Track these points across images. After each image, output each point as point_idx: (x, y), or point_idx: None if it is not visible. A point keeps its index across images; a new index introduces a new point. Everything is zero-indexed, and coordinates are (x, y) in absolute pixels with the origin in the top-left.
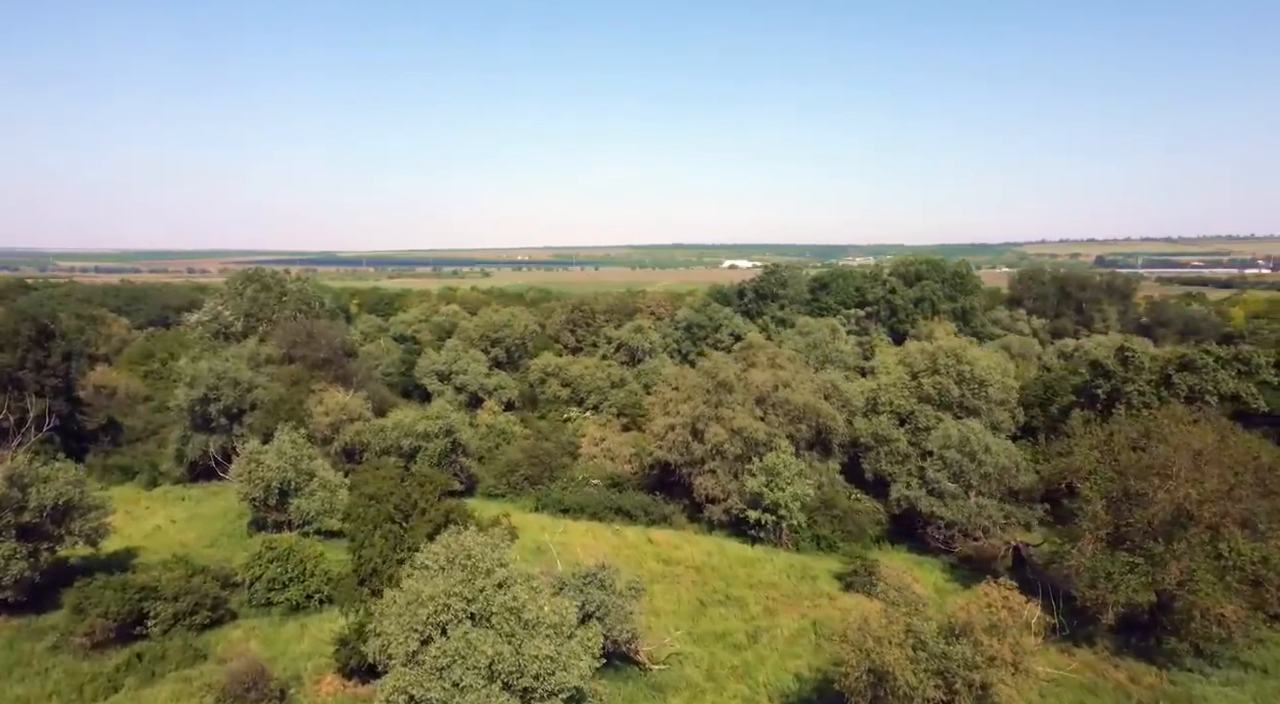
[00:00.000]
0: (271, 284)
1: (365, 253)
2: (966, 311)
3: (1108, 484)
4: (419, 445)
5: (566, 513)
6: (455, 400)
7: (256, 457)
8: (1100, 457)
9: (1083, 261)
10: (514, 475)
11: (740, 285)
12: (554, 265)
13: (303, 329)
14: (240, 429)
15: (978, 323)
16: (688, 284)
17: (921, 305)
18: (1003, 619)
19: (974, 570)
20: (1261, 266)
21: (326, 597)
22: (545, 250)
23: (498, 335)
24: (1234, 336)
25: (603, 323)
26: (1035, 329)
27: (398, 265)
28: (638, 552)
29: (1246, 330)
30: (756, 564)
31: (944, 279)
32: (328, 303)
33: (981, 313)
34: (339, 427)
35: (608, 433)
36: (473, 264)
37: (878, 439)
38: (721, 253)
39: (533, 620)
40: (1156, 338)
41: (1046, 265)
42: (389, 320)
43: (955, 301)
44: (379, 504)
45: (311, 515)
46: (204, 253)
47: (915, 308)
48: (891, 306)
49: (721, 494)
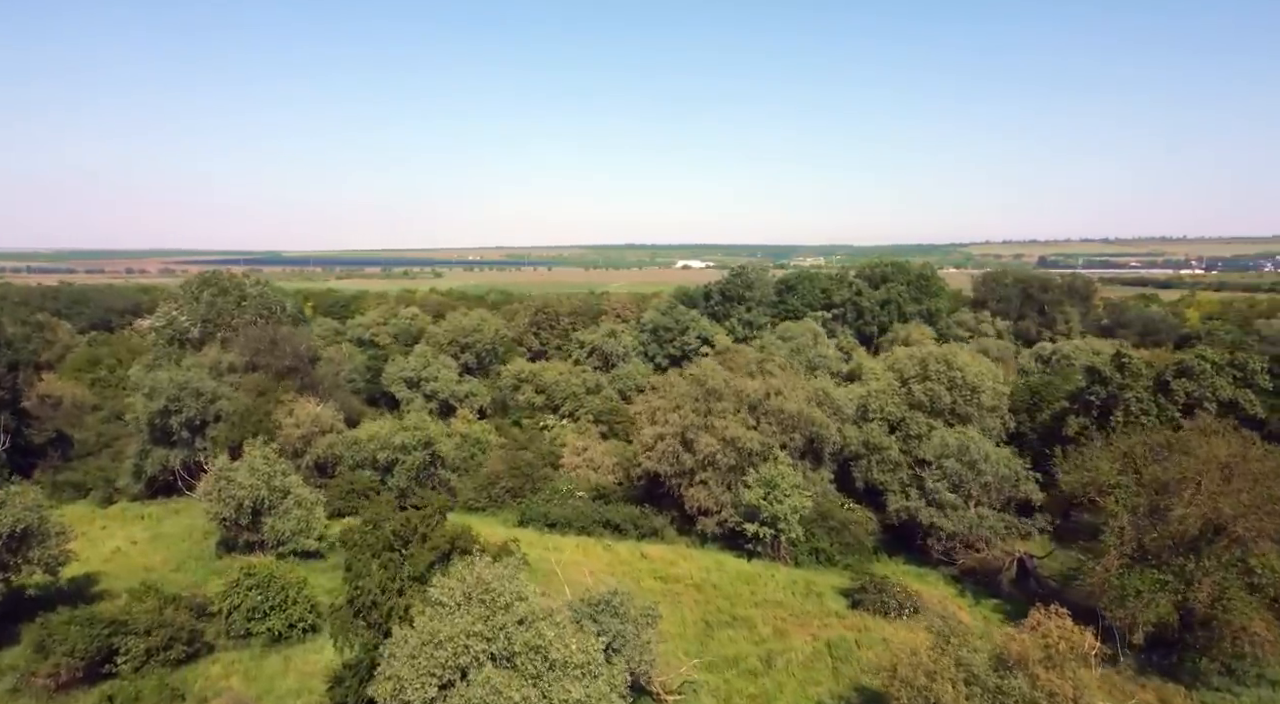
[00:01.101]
0: (230, 288)
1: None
2: (932, 314)
3: (1133, 498)
4: (396, 458)
5: (554, 527)
6: (425, 408)
7: (226, 473)
8: (1122, 469)
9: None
10: (495, 488)
11: (706, 287)
12: (506, 265)
13: (266, 336)
14: (203, 442)
15: (943, 325)
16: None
17: (888, 307)
18: (1059, 651)
19: (978, 583)
20: (1195, 267)
21: (310, 626)
22: (497, 250)
23: (467, 340)
24: (1191, 337)
25: (568, 326)
26: (1000, 331)
27: (346, 265)
28: (632, 569)
29: (1203, 331)
30: (758, 581)
31: (909, 281)
32: (289, 307)
33: (946, 315)
34: (310, 439)
35: (589, 442)
36: (424, 264)
37: (869, 447)
38: (674, 253)
39: (559, 660)
40: (1117, 339)
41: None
42: (346, 323)
43: (920, 303)
44: (376, 530)
45: (286, 535)
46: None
47: (881, 310)
48: (858, 309)
49: (714, 506)
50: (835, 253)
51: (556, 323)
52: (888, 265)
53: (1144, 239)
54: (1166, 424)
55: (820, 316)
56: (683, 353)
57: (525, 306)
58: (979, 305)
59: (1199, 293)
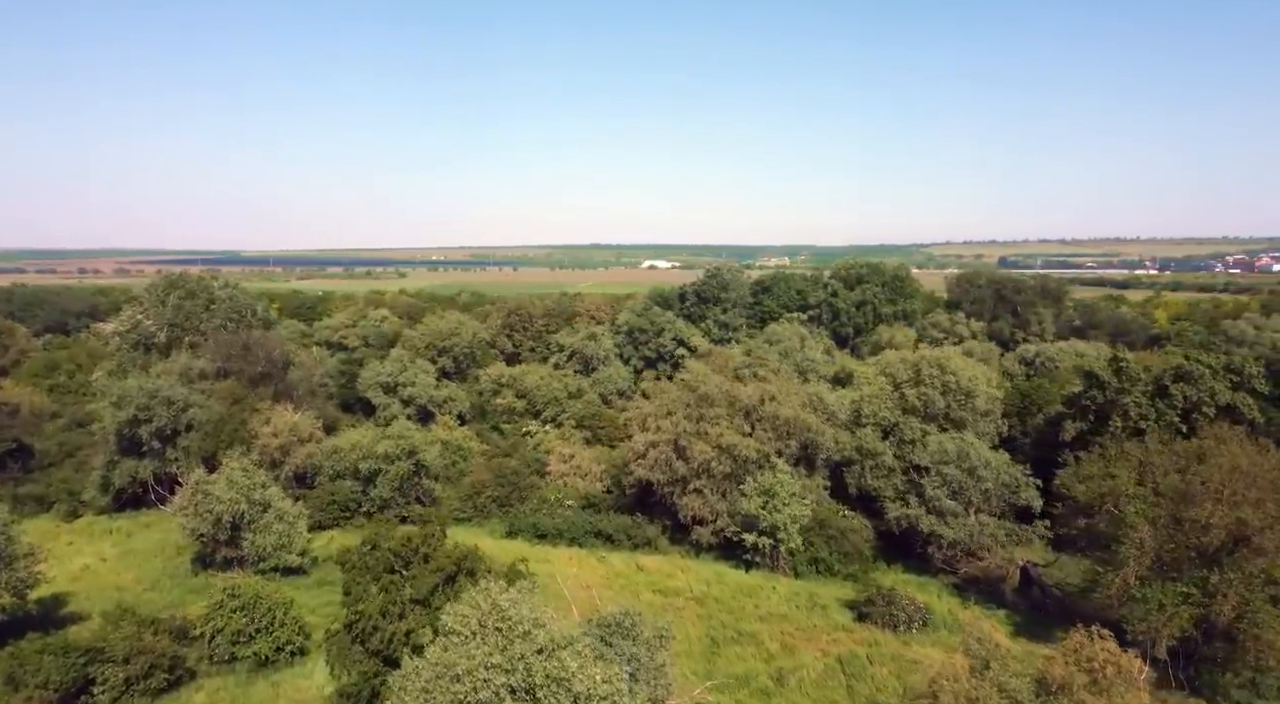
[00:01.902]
0: (198, 291)
1: (271, 252)
2: (907, 315)
3: (1153, 509)
4: (379, 468)
5: (544, 538)
6: (403, 414)
7: (204, 487)
8: (1139, 478)
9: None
10: (480, 497)
11: (681, 289)
12: (471, 265)
13: (238, 341)
14: (175, 452)
15: (918, 326)
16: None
17: (863, 309)
18: (1106, 676)
19: (981, 592)
20: (1149, 267)
21: (299, 648)
22: (461, 250)
23: (445, 344)
24: (1160, 338)
25: (541, 327)
26: (975, 332)
27: (307, 265)
28: (629, 581)
29: (1171, 332)
30: (760, 593)
31: (884, 282)
32: (260, 311)
33: (921, 316)
34: (289, 449)
35: (575, 449)
36: (387, 264)
37: (862, 453)
38: (639, 253)
39: (584, 694)
40: (1089, 339)
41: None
42: (313, 326)
43: (896, 304)
44: (375, 551)
45: (267, 551)
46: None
47: (857, 311)
48: (834, 310)
49: (710, 515)
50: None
51: (530, 324)
52: (863, 266)
53: (1099, 240)
54: (1165, 429)
55: (796, 318)
56: (658, 355)
57: (498, 308)
58: (953, 306)
59: (1164, 294)
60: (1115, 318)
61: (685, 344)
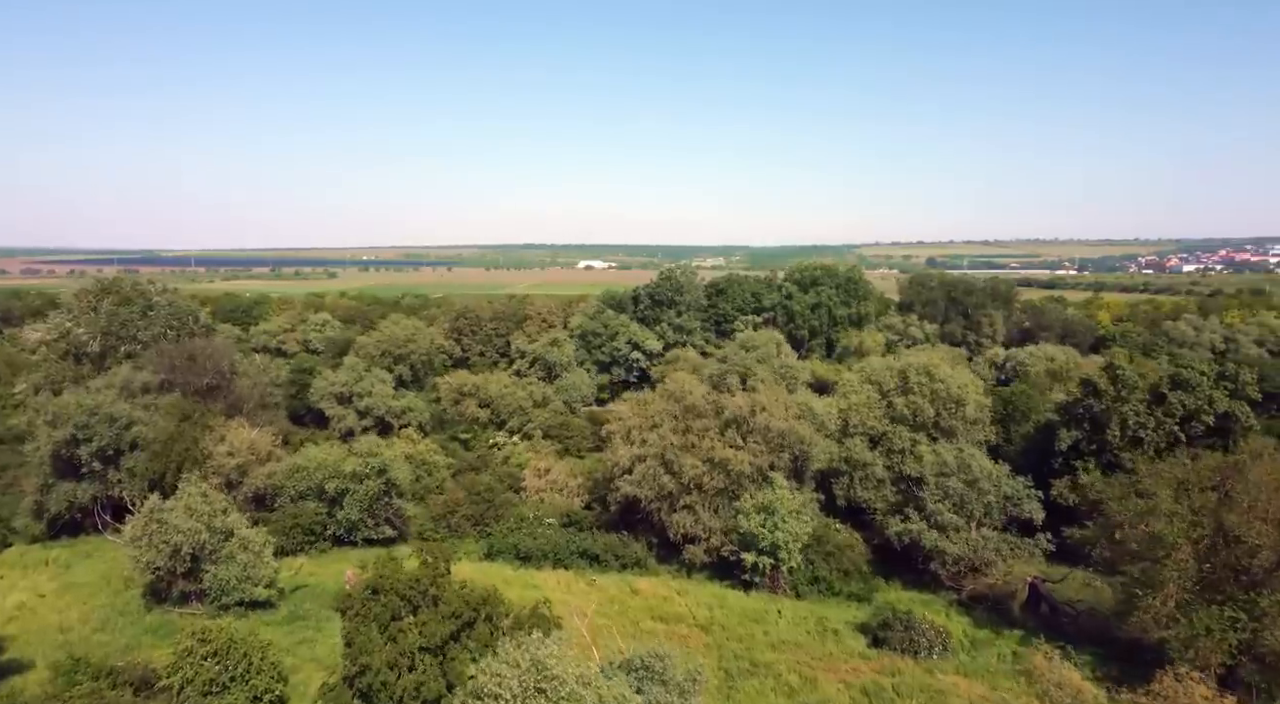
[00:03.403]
0: (134, 296)
1: (192, 251)
2: (861, 317)
3: (1193, 528)
4: (346, 488)
5: (527, 561)
6: (359, 426)
7: (159, 515)
8: (1175, 495)
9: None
10: (454, 516)
11: (635, 291)
12: (404, 266)
13: (183, 351)
14: (118, 474)
15: (873, 327)
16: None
17: (818, 311)
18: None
19: (988, 610)
20: (1069, 268)
21: (279, 697)
22: (392, 250)
23: (401, 351)
24: (1106, 339)
25: (491, 331)
26: (928, 334)
27: (231, 265)
28: (625, 607)
29: (1116, 333)
30: (766, 618)
31: (838, 285)
32: (202, 317)
33: (875, 318)
34: (246, 469)
35: (550, 462)
36: (315, 264)
37: (851, 464)
38: (575, 253)
39: None
40: (1039, 341)
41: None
42: (250, 332)
43: (850, 307)
44: (380, 595)
45: (231, 584)
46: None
47: (812, 313)
48: (789, 313)
49: (702, 533)
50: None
51: (479, 328)
52: (817, 268)
53: (1021, 241)
54: (1164, 438)
55: (751, 321)
56: (613, 359)
57: (445, 311)
58: (906, 308)
59: (1103, 295)
60: (1063, 319)
61: (640, 348)
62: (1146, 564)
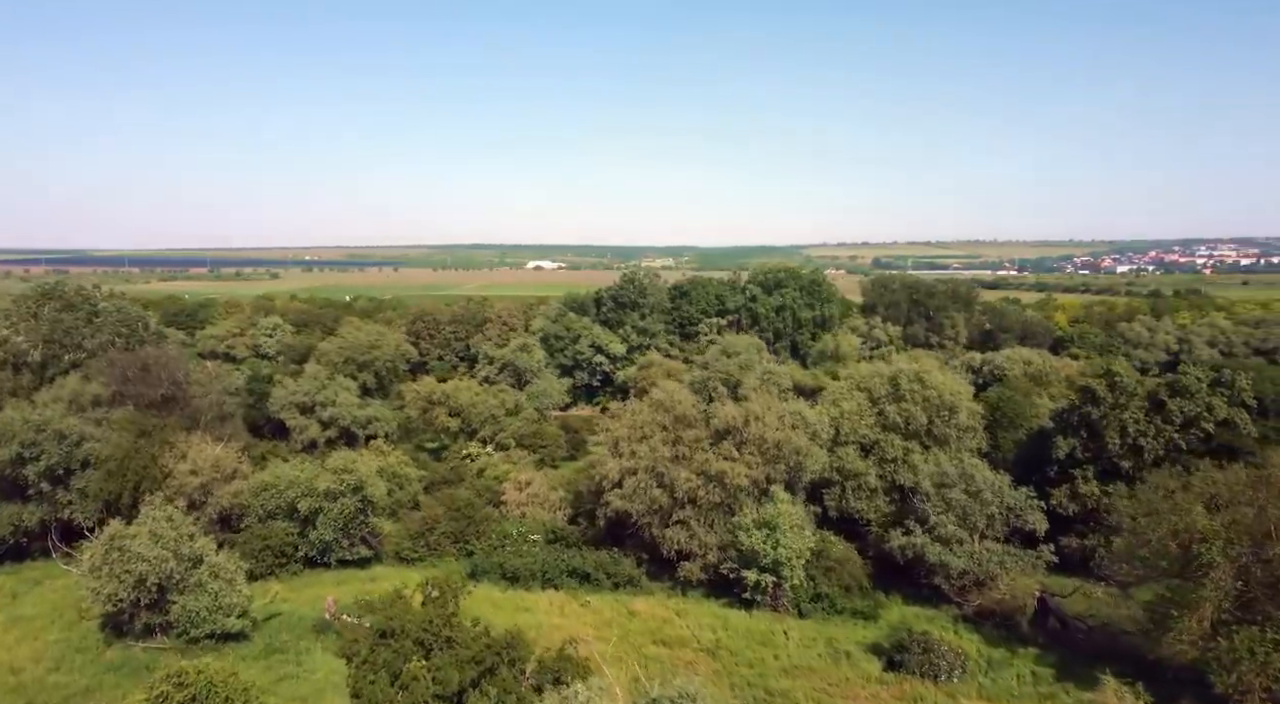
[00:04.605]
0: (77, 302)
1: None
2: (826, 319)
3: (1230, 546)
4: (319, 507)
5: (515, 581)
6: (322, 437)
7: (120, 542)
8: (1207, 510)
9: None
10: (433, 534)
11: (598, 293)
12: (348, 266)
13: (135, 360)
14: (68, 495)
15: (837, 330)
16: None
17: (783, 314)
18: None
19: (996, 626)
20: (1010, 268)
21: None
22: (336, 250)
23: (365, 358)
24: (1064, 340)
25: (449, 335)
26: (891, 337)
27: (167, 265)
28: (623, 631)
29: (1074, 334)
30: (774, 640)
31: (802, 287)
32: (152, 324)
33: (839, 320)
34: (210, 488)
35: (530, 474)
36: (256, 264)
37: (843, 474)
38: (523, 253)
39: None
40: (999, 342)
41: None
42: (195, 336)
43: (814, 310)
44: (391, 640)
45: (202, 615)
46: None
47: (776, 316)
48: (753, 315)
49: (697, 549)
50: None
51: (437, 332)
52: (780, 271)
53: (962, 242)
54: (1164, 445)
55: (715, 323)
56: (575, 362)
57: (401, 314)
58: (869, 311)
59: (1057, 296)
60: (1023, 321)
61: (604, 351)
62: (1176, 582)
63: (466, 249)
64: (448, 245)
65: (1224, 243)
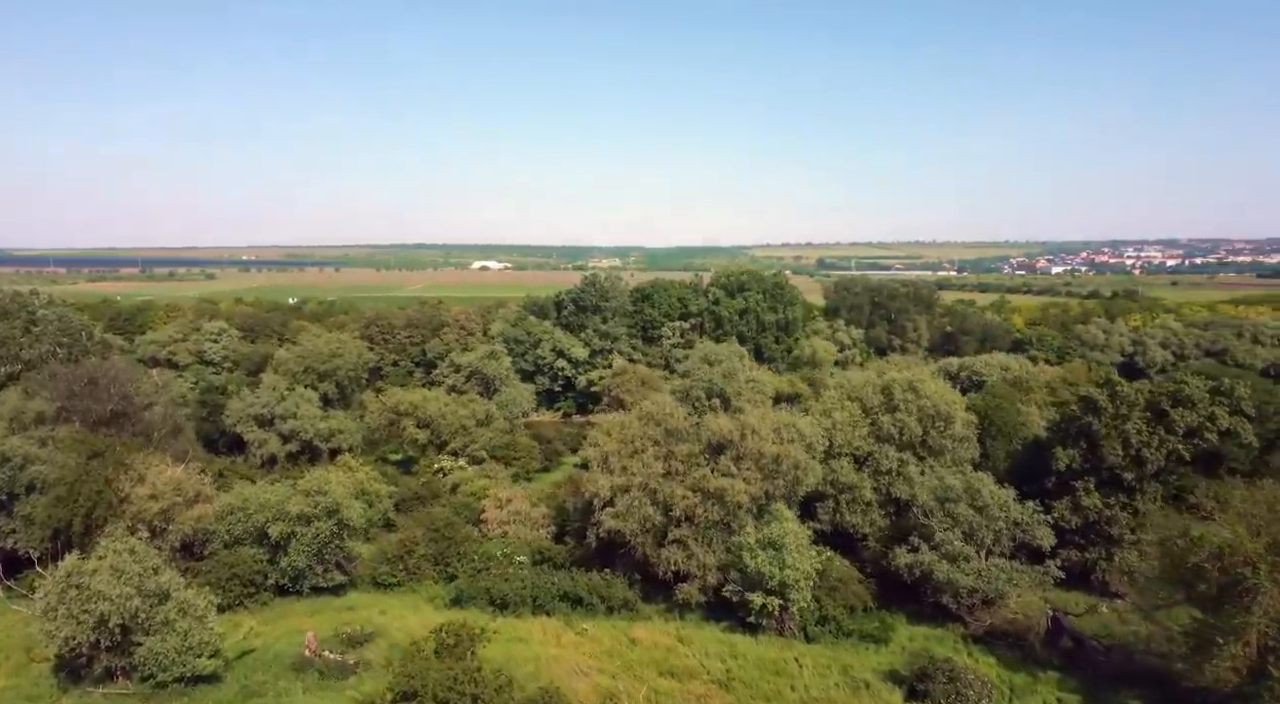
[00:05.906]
0: (13, 310)
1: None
2: (789, 323)
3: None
4: (292, 532)
5: (504, 608)
6: (283, 450)
7: (78, 578)
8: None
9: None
10: (411, 557)
11: (559, 297)
12: (288, 266)
13: (81, 374)
14: (12, 523)
15: (800, 334)
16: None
17: (746, 317)
18: None
19: (1007, 646)
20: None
21: None
22: (275, 249)
23: (325, 367)
24: (1022, 342)
25: (405, 340)
26: (854, 340)
27: (95, 265)
28: (625, 661)
29: (1033, 336)
30: (787, 669)
31: (764, 290)
32: (96, 333)
33: (802, 324)
34: (171, 513)
35: (512, 491)
36: (189, 264)
37: (837, 486)
38: (469, 253)
39: None
40: (960, 345)
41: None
42: (134, 341)
43: (777, 313)
44: (416, 703)
45: (170, 658)
46: None
47: (740, 319)
48: (716, 318)
49: (695, 569)
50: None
51: (392, 336)
52: (743, 274)
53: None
54: (1165, 456)
55: (678, 327)
56: (537, 367)
57: (354, 318)
58: (832, 313)
59: (1012, 298)
60: (984, 323)
61: (565, 355)
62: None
63: (411, 249)
64: (390, 245)
65: (1150, 244)
